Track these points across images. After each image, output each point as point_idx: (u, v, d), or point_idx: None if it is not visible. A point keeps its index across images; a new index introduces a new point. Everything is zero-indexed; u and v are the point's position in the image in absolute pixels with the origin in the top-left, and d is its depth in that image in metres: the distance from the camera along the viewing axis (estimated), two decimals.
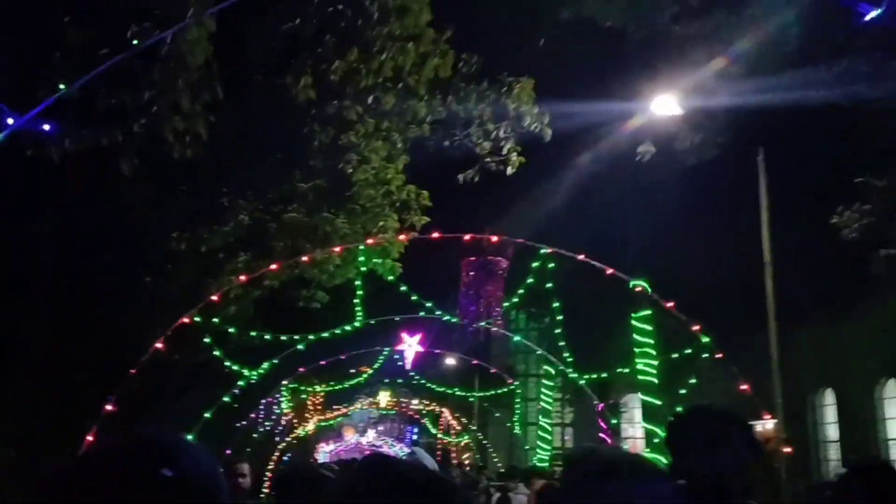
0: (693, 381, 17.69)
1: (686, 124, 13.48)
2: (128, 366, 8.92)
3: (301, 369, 17.39)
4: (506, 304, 11.28)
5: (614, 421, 27.34)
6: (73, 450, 7.94)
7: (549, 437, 31.03)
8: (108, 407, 7.54)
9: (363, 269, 10.24)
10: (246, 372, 12.31)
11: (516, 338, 13.27)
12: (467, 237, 8.96)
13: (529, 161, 12.27)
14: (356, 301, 11.24)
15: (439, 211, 11.98)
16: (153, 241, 9.87)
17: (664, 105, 12.78)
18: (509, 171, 11.99)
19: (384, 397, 34.58)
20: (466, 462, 30.25)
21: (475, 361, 18.11)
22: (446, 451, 33.84)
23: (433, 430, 35.61)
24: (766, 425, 27.90)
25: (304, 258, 9.38)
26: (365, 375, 20.55)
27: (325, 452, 51.02)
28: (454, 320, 12.06)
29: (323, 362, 17.53)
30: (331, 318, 13.71)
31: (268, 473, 25.49)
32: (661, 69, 12.39)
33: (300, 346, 13.06)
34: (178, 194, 9.83)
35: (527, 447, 33.44)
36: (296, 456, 29.80)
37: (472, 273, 11.06)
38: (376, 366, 19.71)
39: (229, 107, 7.06)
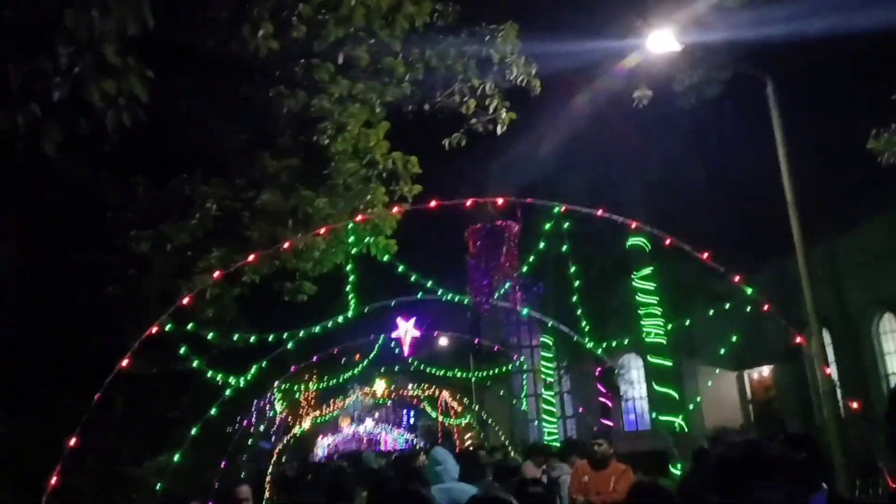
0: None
1: (684, 62, 12.40)
2: (96, 388, 7.70)
3: (293, 368, 16.23)
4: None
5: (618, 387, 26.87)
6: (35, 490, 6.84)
7: (554, 409, 30.32)
8: (72, 442, 6.33)
9: (354, 250, 9.04)
10: (232, 380, 11.11)
11: (524, 311, 12.17)
12: (469, 202, 7.78)
13: (519, 116, 11.13)
14: (348, 288, 10.07)
15: (427, 181, 10.82)
16: (107, 242, 8.60)
17: (660, 41, 11.69)
18: (499, 129, 10.84)
19: (380, 386, 33.50)
20: (469, 442, 29.43)
21: (476, 340, 17.08)
22: (448, 432, 32.98)
23: (433, 414, 34.68)
24: (761, 372, 27.10)
25: (285, 245, 8.15)
26: (360, 366, 19.42)
27: (323, 446, 50.16)
28: (460, 299, 10.93)
29: (315, 359, 16.40)
30: (321, 311, 12.54)
31: (268, 477, 24.43)
32: (655, 2, 11.30)
33: (289, 346, 11.88)
34: (130, 185, 8.56)
35: (531, 420, 32.94)
36: (295, 456, 28.84)
37: (479, 242, 9.88)
38: (371, 355, 18.60)
39: (176, 71, 5.89)
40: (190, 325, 9.19)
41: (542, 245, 9.23)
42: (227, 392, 11.46)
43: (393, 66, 9.29)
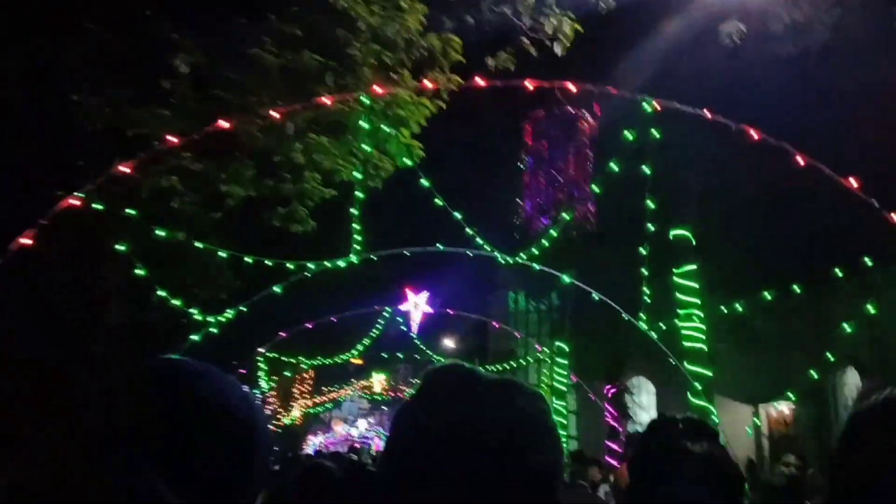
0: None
1: None
2: None
3: (281, 334, 14.01)
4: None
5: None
6: None
7: (566, 423, 28.15)
8: None
9: (366, 146, 6.84)
10: (198, 315, 8.93)
11: (566, 278, 9.96)
12: (531, 85, 5.57)
13: (584, 36, 8.96)
14: (353, 211, 7.85)
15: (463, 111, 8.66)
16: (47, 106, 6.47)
17: None
18: (559, 49, 8.66)
19: (379, 381, 31.03)
20: None
21: (496, 324, 14.87)
22: None
23: None
24: (780, 407, 24.45)
25: (276, 115, 5.94)
26: (362, 344, 17.13)
27: (313, 444, 47.94)
28: (490, 251, 8.72)
29: (309, 325, 14.16)
30: (318, 255, 10.37)
31: None
32: None
33: (277, 290, 9.65)
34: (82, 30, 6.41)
35: None
36: (284, 447, 26.70)
37: (543, 134, 7.59)
38: (374, 333, 16.33)
39: None
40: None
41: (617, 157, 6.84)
42: (195, 337, 9.25)
43: None
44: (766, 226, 14.45)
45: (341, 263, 9.59)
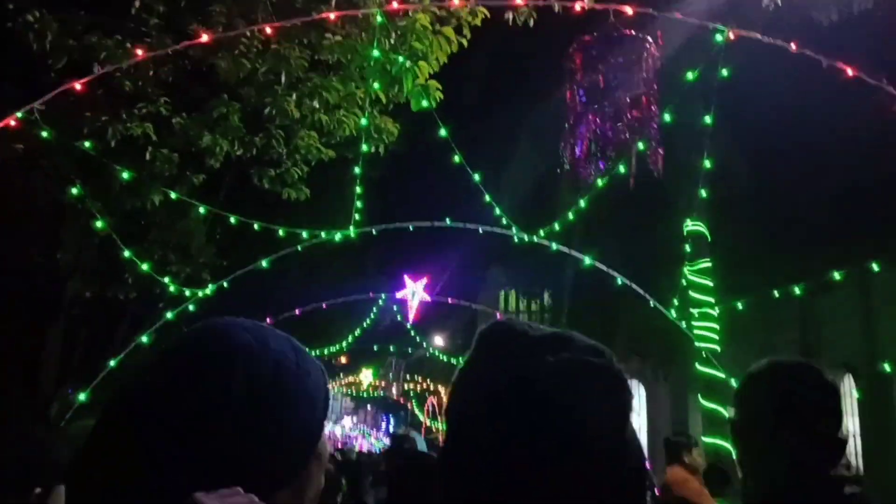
0: None
1: None
2: None
3: (268, 320, 12.89)
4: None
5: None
6: None
7: None
8: None
9: (374, 82, 5.76)
10: (172, 287, 7.82)
11: (587, 260, 8.94)
12: (579, 5, 4.53)
13: None
14: (356, 169, 6.77)
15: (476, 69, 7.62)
16: None
17: None
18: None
19: (367, 375, 29.81)
20: None
21: (499, 314, 13.89)
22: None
23: (420, 416, 31.20)
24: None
25: (268, 29, 4.86)
26: (353, 335, 16.01)
27: None
28: (505, 224, 7.69)
29: (297, 311, 13.05)
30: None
31: None
32: None
33: (264, 263, 8.55)
34: None
35: None
36: None
37: (594, 62, 6.46)
38: (368, 321, 15.21)
39: None
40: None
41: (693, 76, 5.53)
42: (169, 314, 8.14)
43: None
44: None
45: (337, 235, 8.52)
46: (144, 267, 7.45)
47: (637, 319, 18.75)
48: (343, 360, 26.87)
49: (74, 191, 6.35)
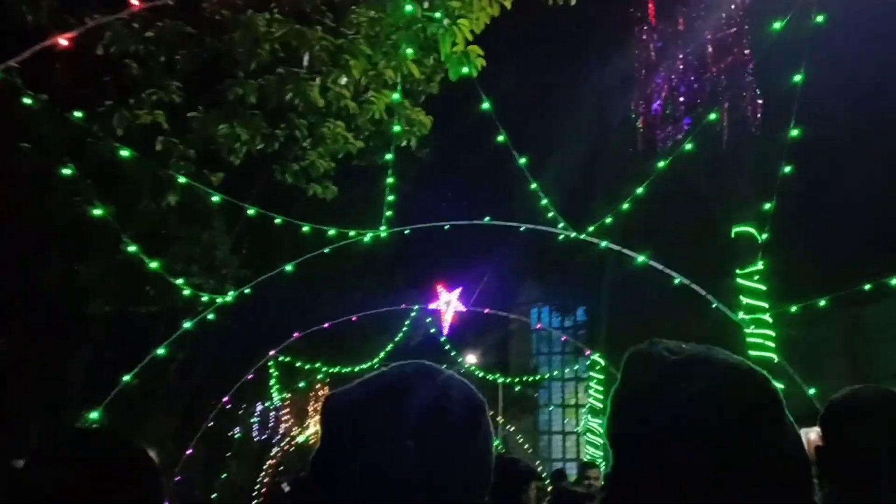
0: None
1: None
2: None
3: (295, 334, 12.24)
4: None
5: None
6: None
7: (602, 437, 26.41)
8: None
9: (407, 47, 5.08)
10: (187, 291, 7.19)
11: (640, 258, 8.18)
12: None
13: None
14: (388, 156, 6.09)
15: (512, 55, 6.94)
16: None
17: None
18: None
19: None
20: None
21: (539, 326, 12.97)
22: None
23: None
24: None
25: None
26: (385, 350, 15.27)
27: None
28: (550, 217, 6.96)
29: (326, 325, 12.39)
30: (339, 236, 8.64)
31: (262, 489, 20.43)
32: None
33: (288, 268, 7.89)
34: None
35: (577, 431, 30.47)
36: (295, 467, 24.99)
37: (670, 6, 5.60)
38: (401, 334, 14.46)
39: None
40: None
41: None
42: (187, 325, 7.49)
43: None
44: None
45: (368, 236, 7.84)
46: (179, 281, 6.83)
47: (680, 334, 17.79)
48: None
49: (98, 212, 5.82)
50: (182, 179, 6.72)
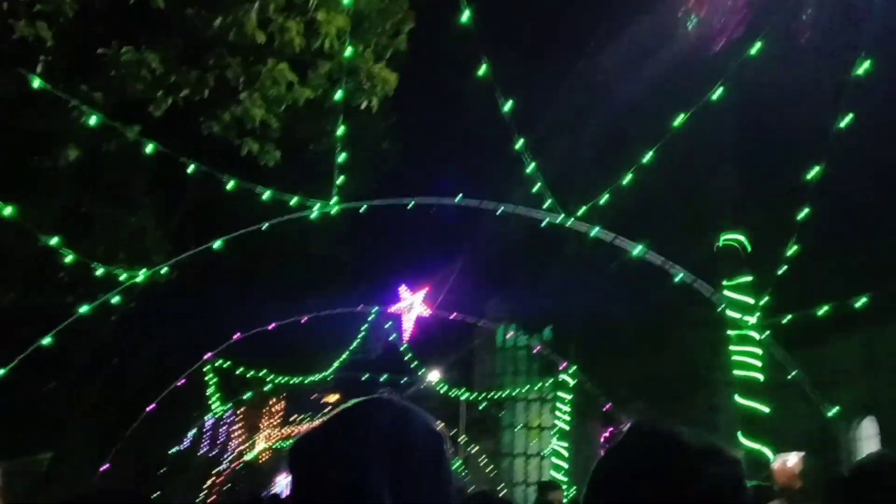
0: None
1: None
2: None
3: (236, 335, 10.79)
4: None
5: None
6: None
7: (567, 462, 25.60)
8: None
9: None
10: (100, 271, 5.78)
11: (638, 248, 7.02)
12: None
13: None
14: (338, 131, 4.82)
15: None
16: None
17: None
18: None
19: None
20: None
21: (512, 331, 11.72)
22: None
23: None
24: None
25: None
26: (340, 360, 13.80)
27: (280, 485, 44.01)
28: (539, 193, 5.77)
29: (271, 326, 10.94)
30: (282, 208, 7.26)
31: None
32: None
33: (217, 245, 6.50)
34: None
35: (543, 454, 29.63)
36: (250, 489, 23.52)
37: None
38: (357, 340, 12.98)
39: None
40: None
41: None
42: (84, 310, 6.04)
43: None
44: None
45: (314, 214, 6.51)
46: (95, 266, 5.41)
47: (650, 360, 16.90)
48: (330, 398, 24.74)
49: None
50: (93, 121, 5.33)
